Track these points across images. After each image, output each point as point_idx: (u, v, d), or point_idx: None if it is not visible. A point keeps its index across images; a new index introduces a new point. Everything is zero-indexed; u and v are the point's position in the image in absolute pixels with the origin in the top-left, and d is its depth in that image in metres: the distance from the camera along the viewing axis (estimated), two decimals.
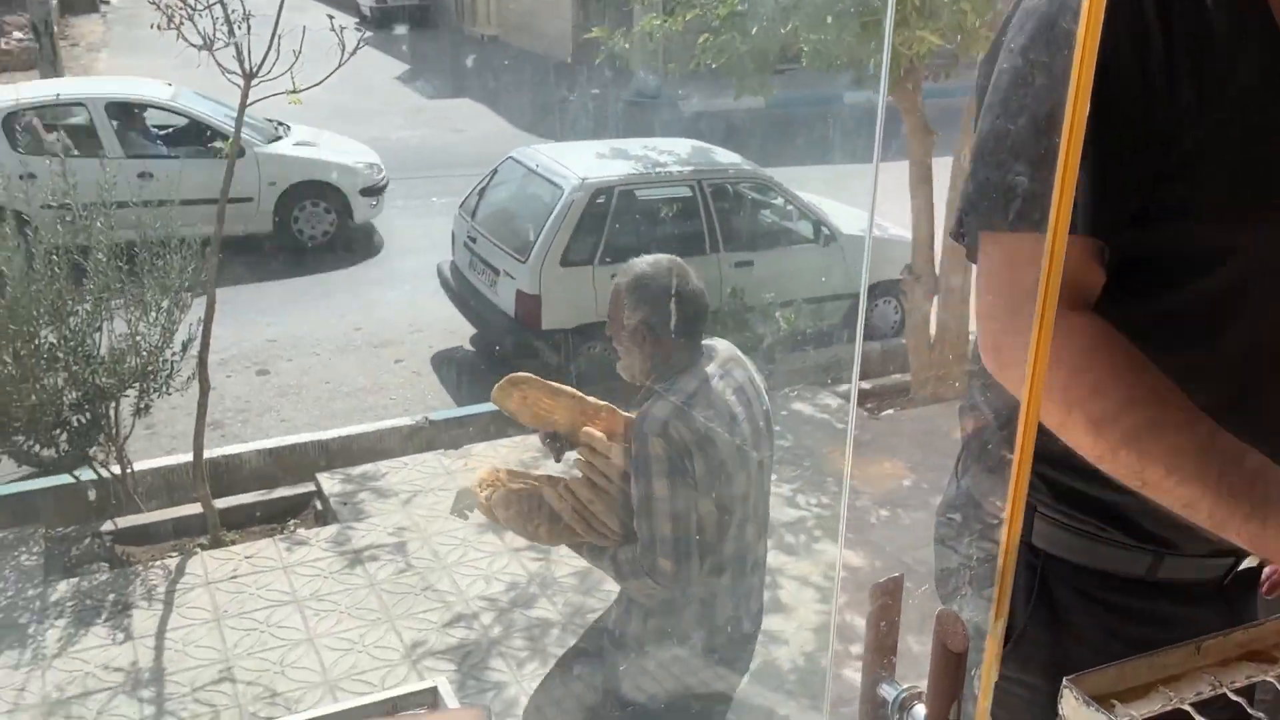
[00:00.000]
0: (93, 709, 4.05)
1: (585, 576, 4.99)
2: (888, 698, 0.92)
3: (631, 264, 2.61)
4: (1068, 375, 1.03)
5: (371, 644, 4.48)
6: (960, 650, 0.84)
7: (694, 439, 2.36)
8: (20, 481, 5.94)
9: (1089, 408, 1.04)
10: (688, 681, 2.69)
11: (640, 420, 2.41)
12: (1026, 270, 0.83)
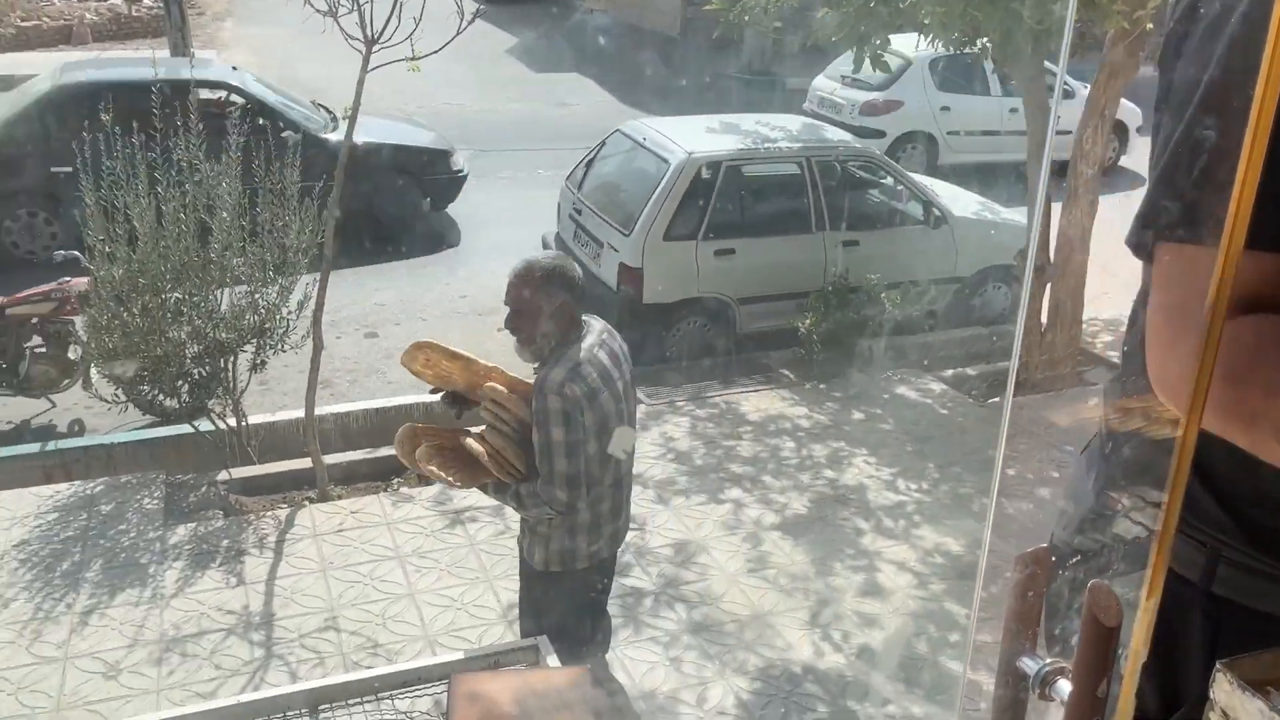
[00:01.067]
0: (206, 648, 4.24)
1: (680, 548, 5.01)
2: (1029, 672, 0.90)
3: (534, 260, 3.08)
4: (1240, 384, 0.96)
5: (470, 602, 4.58)
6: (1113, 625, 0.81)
7: (584, 395, 2.97)
8: (144, 429, 6.23)
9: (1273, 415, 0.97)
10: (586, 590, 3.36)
11: (542, 382, 2.98)
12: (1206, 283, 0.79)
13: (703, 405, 6.64)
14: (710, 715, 3.91)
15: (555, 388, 2.94)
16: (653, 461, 5.86)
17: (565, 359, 3.02)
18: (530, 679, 2.44)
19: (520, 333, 3.11)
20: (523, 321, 3.09)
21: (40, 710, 3.89)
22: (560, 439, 2.95)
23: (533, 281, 3.03)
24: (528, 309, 3.06)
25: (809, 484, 5.67)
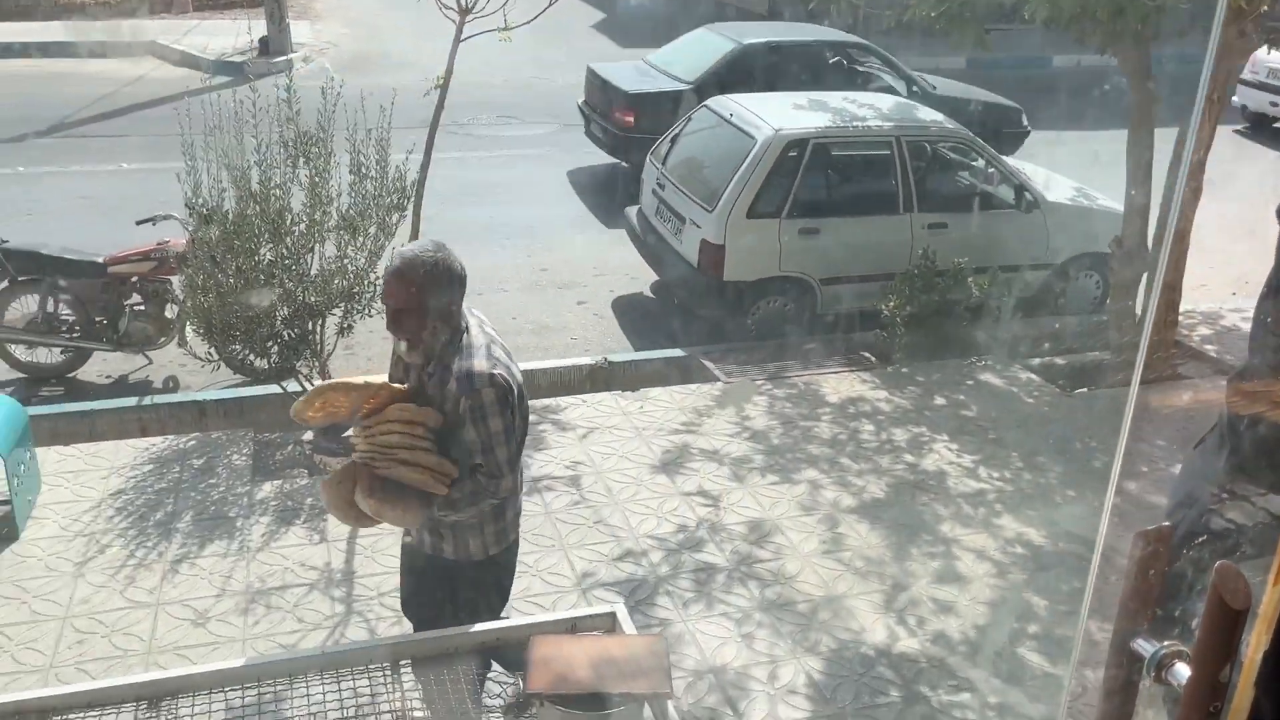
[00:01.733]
0: (290, 601, 4.36)
1: (754, 527, 4.99)
2: (1143, 654, 0.87)
3: (416, 255, 2.84)
4: None
5: (545, 569, 4.63)
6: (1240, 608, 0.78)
7: (512, 381, 2.93)
8: (235, 388, 6.42)
9: None
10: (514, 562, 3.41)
11: (468, 379, 2.83)
12: None
13: (781, 385, 6.59)
14: (781, 693, 3.90)
15: (486, 380, 2.83)
16: (728, 440, 5.85)
17: (474, 350, 2.88)
18: (607, 644, 2.46)
19: (407, 333, 2.86)
20: (410, 321, 2.84)
21: (132, 654, 4.04)
22: (499, 428, 2.86)
23: (419, 279, 2.79)
24: (415, 308, 2.81)
25: (887, 468, 5.60)
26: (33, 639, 4.04)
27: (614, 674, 2.33)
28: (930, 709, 3.85)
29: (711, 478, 5.44)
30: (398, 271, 2.81)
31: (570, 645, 2.44)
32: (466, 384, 2.82)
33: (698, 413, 6.17)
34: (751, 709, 3.81)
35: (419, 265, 2.80)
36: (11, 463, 4.64)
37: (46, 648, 4.00)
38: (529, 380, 6.66)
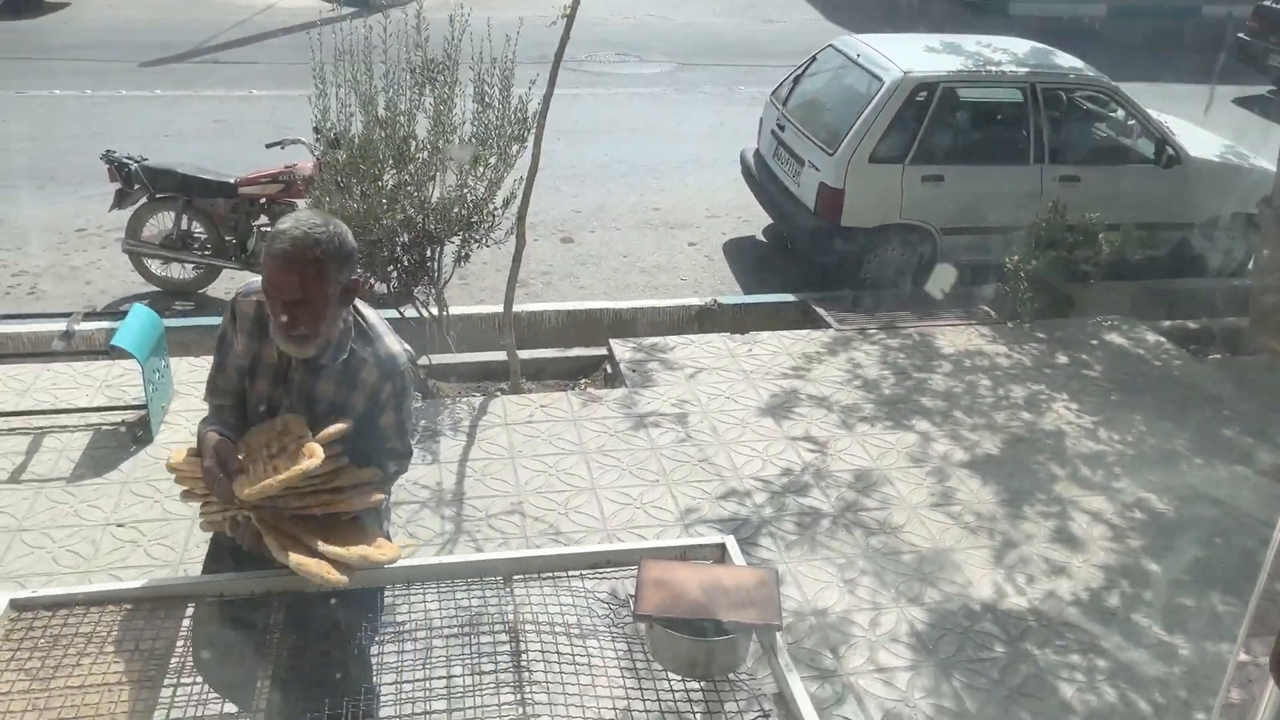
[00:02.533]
0: (403, 517, 4.49)
1: (861, 475, 4.93)
2: None
3: (307, 232, 2.25)
4: None
5: (649, 503, 4.66)
6: None
7: (412, 355, 2.59)
8: None
9: None
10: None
11: (390, 362, 2.48)
12: None
13: (895, 335, 6.46)
14: (882, 640, 3.86)
15: (406, 360, 2.51)
16: (838, 387, 5.76)
17: (378, 330, 2.50)
18: (719, 573, 2.46)
19: (307, 327, 2.31)
20: (309, 313, 2.29)
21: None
22: (410, 408, 2.58)
23: (317, 262, 2.25)
24: (316, 296, 2.28)
25: (1003, 424, 5.44)
26: (164, 535, 4.26)
27: (724, 602, 2.33)
28: (1037, 668, 3.77)
29: (819, 424, 5.38)
30: (289, 256, 2.23)
31: (681, 571, 2.44)
32: (390, 366, 2.47)
33: (807, 358, 6.09)
34: (851, 653, 3.79)
35: (314, 245, 2.24)
36: (148, 369, 4.86)
37: (176, 544, 4.21)
38: (636, 318, 6.72)
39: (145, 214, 6.57)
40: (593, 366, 6.25)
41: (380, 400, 2.47)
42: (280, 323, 2.30)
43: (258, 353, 2.47)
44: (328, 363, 2.42)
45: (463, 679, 2.25)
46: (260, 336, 2.45)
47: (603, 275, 7.57)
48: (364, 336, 2.48)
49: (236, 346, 2.48)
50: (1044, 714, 3.55)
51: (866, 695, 3.59)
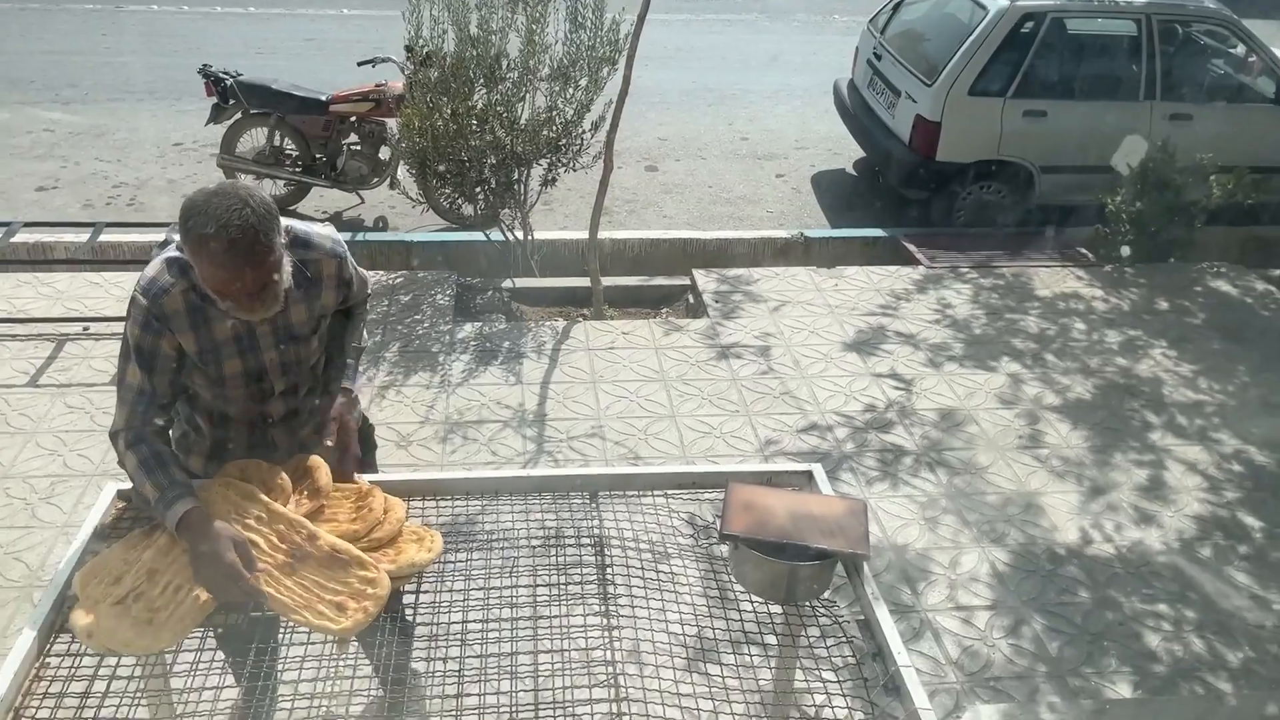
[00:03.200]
0: (485, 435, 4.54)
1: (947, 415, 4.84)
2: None
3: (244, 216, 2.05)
4: None
5: (728, 432, 4.64)
6: None
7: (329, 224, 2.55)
8: (440, 232, 6.64)
9: None
10: None
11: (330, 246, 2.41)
12: None
13: (988, 275, 6.28)
14: (962, 579, 3.82)
15: (335, 233, 2.46)
16: (926, 325, 5.64)
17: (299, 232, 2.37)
18: (807, 500, 2.43)
19: (276, 298, 2.21)
20: (276, 285, 2.18)
21: None
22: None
23: (267, 241, 2.10)
24: (276, 267, 2.16)
25: (1097, 369, 5.29)
26: None
27: (812, 528, 2.31)
28: (1122, 615, 3.69)
29: (905, 361, 5.29)
30: (237, 255, 2.06)
31: (770, 495, 2.42)
32: (333, 246, 2.41)
33: (895, 295, 5.97)
34: (930, 590, 3.76)
35: (253, 230, 2.06)
36: None
37: None
38: (720, 249, 6.64)
39: (240, 129, 6.67)
40: (675, 296, 6.21)
41: (345, 278, 2.47)
42: (244, 306, 2.17)
43: (209, 337, 2.28)
44: (289, 291, 2.30)
45: (549, 588, 2.28)
46: (204, 321, 2.26)
47: (687, 205, 7.49)
48: (298, 244, 2.35)
49: (167, 350, 2.24)
50: (1127, 661, 3.49)
51: (944, 632, 3.56)
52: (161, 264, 2.24)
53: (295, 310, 2.37)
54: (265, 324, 2.33)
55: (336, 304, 2.49)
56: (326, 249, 2.40)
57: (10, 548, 3.69)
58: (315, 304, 2.41)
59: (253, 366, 2.38)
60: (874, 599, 2.21)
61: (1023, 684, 3.35)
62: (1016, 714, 2.97)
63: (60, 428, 4.32)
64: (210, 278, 2.12)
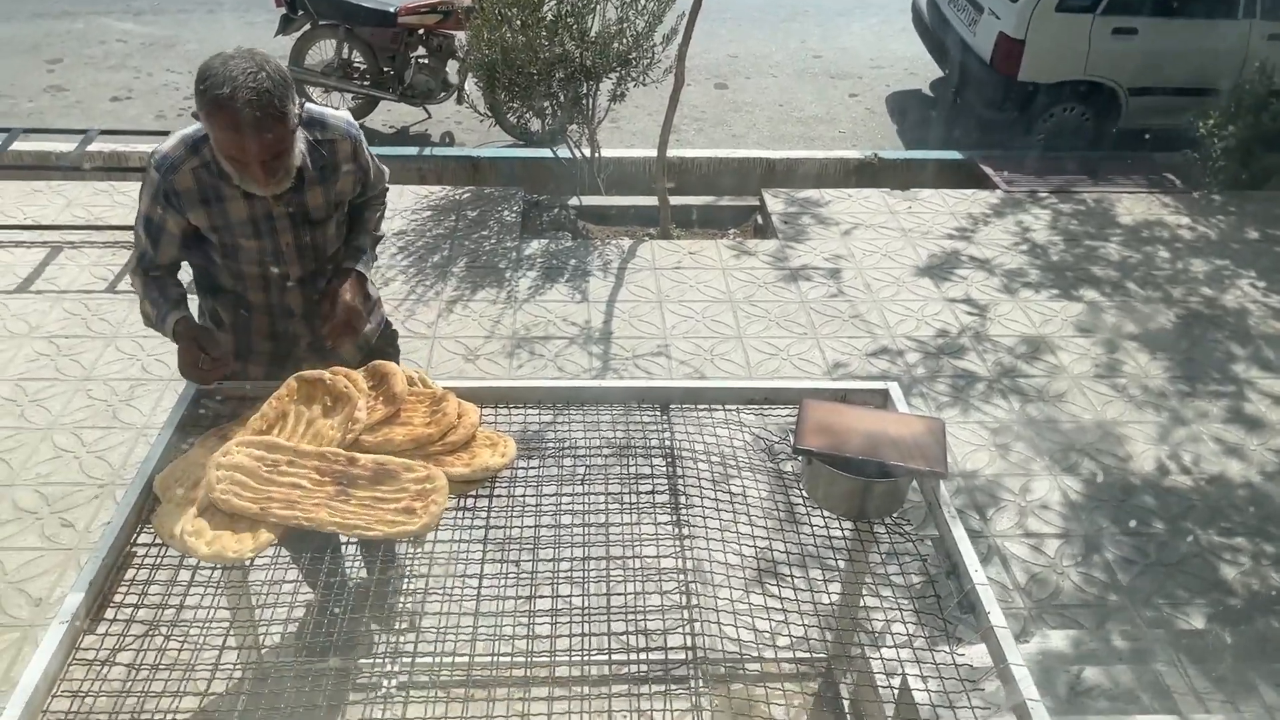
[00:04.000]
0: (551, 351, 4.55)
1: (1023, 341, 4.72)
2: None
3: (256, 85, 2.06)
4: None
5: (795, 355, 4.59)
6: None
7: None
8: (507, 148, 6.59)
9: None
10: None
11: (346, 127, 2.42)
12: None
13: (1068, 200, 6.08)
14: (1032, 506, 3.76)
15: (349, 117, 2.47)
16: (1003, 250, 5.49)
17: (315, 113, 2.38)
18: (884, 418, 2.38)
19: (284, 167, 2.23)
20: (283, 155, 2.20)
21: None
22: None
23: (282, 109, 2.11)
24: (287, 137, 2.17)
25: (1180, 299, 5.11)
26: None
27: (888, 445, 2.27)
28: (1198, 547, 3.61)
29: (980, 287, 5.16)
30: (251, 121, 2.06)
31: (846, 412, 2.38)
32: (349, 127, 2.42)
33: (971, 219, 5.81)
34: (999, 516, 3.70)
35: (268, 95, 2.07)
36: None
37: None
38: (790, 169, 6.50)
39: (308, 41, 6.64)
40: (743, 217, 6.11)
41: (362, 164, 2.46)
42: (256, 176, 2.18)
43: (222, 215, 2.29)
44: (301, 177, 2.31)
45: (620, 497, 2.27)
46: (215, 198, 2.27)
47: (757, 124, 7.33)
48: (314, 124, 2.36)
49: (172, 229, 2.30)
50: (1201, 593, 3.42)
51: (1013, 558, 3.51)
52: (178, 139, 2.26)
53: (312, 194, 2.36)
54: (281, 206, 2.32)
55: (354, 192, 2.49)
56: (341, 129, 2.40)
57: (93, 447, 3.80)
58: (332, 189, 2.40)
59: (269, 249, 2.38)
60: (950, 518, 2.17)
61: (1092, 612, 3.30)
62: (1086, 641, 2.93)
63: (138, 333, 4.41)
64: (223, 142, 2.12)
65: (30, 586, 3.21)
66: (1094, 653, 2.88)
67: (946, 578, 2.10)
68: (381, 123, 7.02)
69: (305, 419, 2.15)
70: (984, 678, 1.92)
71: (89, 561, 1.87)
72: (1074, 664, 2.75)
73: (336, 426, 2.11)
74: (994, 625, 1.90)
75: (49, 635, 1.70)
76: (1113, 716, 2.47)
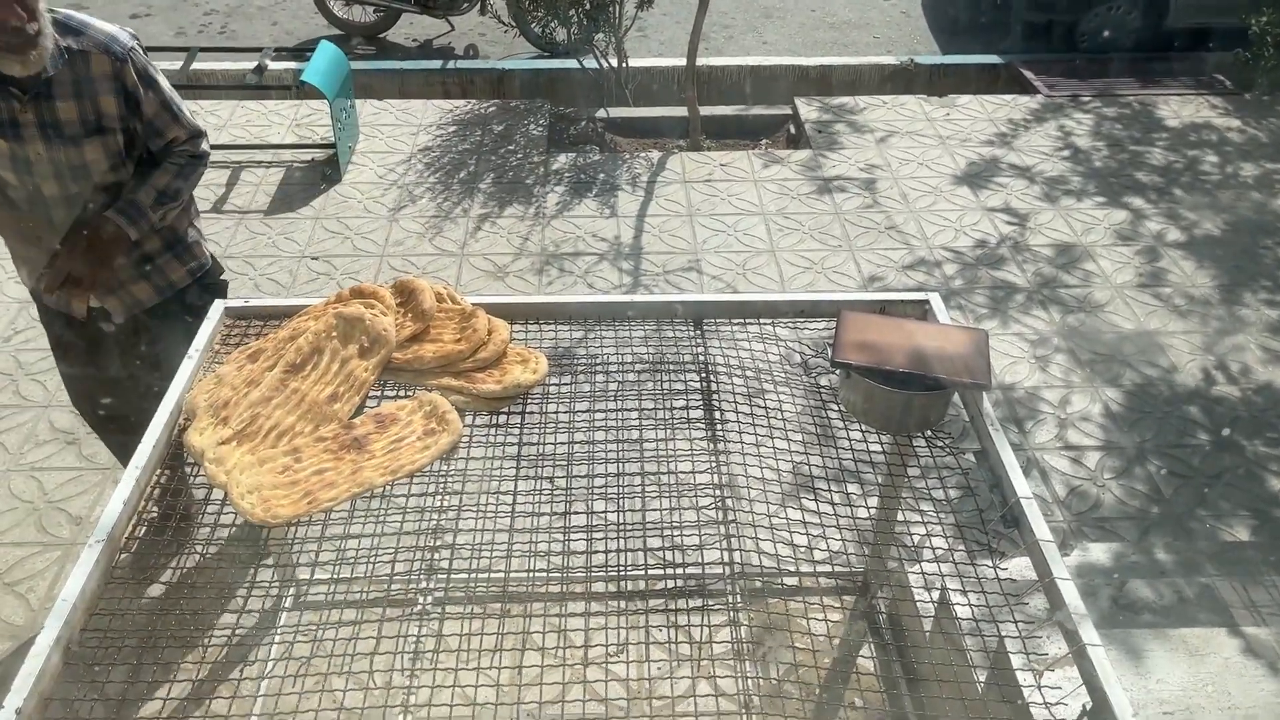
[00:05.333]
0: (581, 267, 4.48)
1: (1063, 250, 4.60)
2: None
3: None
4: None
5: (829, 268, 4.50)
6: None
7: (132, 32, 2.46)
8: (531, 60, 6.43)
9: None
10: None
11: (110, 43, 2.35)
12: None
13: (1112, 103, 5.86)
14: (1073, 419, 3.69)
15: (128, 39, 2.38)
16: (1043, 157, 5.32)
17: (78, 21, 2.33)
18: (925, 329, 2.32)
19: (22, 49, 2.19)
20: (21, 27, 2.16)
21: None
22: (168, 84, 2.49)
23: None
24: (30, 12, 2.16)
25: (1229, 204, 4.94)
26: (355, 270, 4.40)
27: (932, 359, 2.20)
28: (1242, 459, 3.54)
29: (1019, 195, 5.01)
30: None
31: (886, 325, 2.31)
32: (116, 46, 2.33)
33: (1011, 125, 5.63)
34: (1038, 429, 3.64)
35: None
36: (336, 108, 4.89)
37: (367, 279, 4.33)
38: (823, 76, 6.31)
39: None
40: (775, 126, 5.96)
41: (129, 88, 2.35)
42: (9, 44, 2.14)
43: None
44: (53, 72, 2.25)
45: (654, 413, 2.24)
46: None
47: (788, 30, 7.11)
48: (69, 30, 2.29)
49: None
50: (1245, 505, 3.36)
51: (1052, 471, 3.46)
52: None
53: (64, 106, 2.29)
54: (29, 112, 2.26)
55: (120, 115, 2.36)
56: (99, 42, 2.31)
57: None
58: (86, 103, 2.31)
59: (21, 158, 2.32)
60: (993, 430, 2.11)
61: (1133, 525, 3.25)
62: (1127, 554, 2.89)
63: None
64: None
65: (70, 505, 3.25)
66: (1137, 565, 2.84)
67: (990, 491, 2.06)
68: (404, 36, 6.87)
69: (340, 358, 2.08)
70: (1028, 592, 1.89)
71: (123, 481, 1.86)
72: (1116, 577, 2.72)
73: (371, 369, 2.06)
74: (1039, 539, 1.86)
75: (84, 555, 1.69)
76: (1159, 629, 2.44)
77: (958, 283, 4.40)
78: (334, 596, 2.64)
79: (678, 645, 2.60)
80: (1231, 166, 5.24)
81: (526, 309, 2.43)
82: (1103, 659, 1.62)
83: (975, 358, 2.24)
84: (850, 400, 2.25)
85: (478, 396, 2.09)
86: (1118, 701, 1.56)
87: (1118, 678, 1.61)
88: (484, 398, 2.10)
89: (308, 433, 1.94)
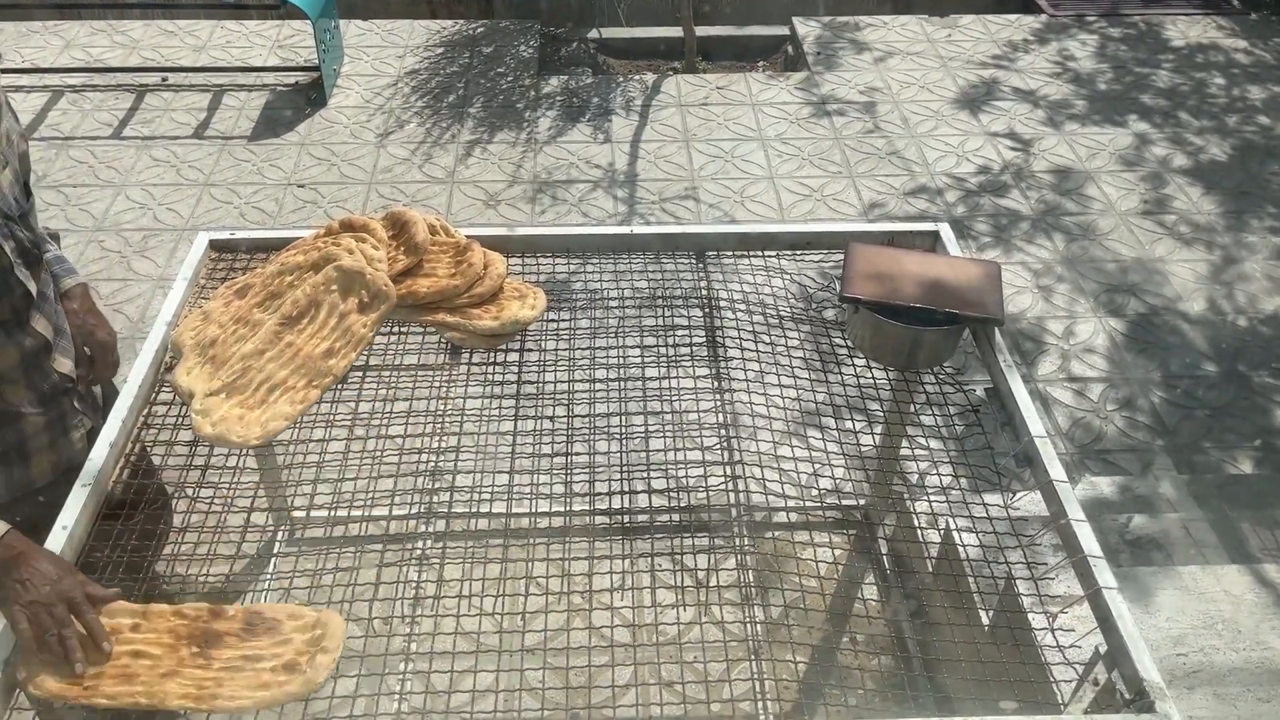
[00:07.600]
0: (575, 195, 4.37)
1: (1065, 176, 4.50)
2: None
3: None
4: None
5: (829, 195, 4.40)
6: None
7: None
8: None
9: None
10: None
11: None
12: None
13: (1118, 24, 5.71)
14: (1077, 349, 3.64)
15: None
16: (1047, 80, 5.19)
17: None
18: (935, 261, 2.24)
19: None
20: None
21: None
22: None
23: None
24: None
25: (1235, 128, 4.84)
26: (342, 199, 4.28)
27: (940, 291, 2.13)
28: (1248, 389, 3.50)
29: (1023, 119, 4.89)
30: None
31: (895, 257, 2.24)
32: None
33: (1014, 47, 5.48)
34: (1042, 360, 3.60)
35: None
36: (319, 28, 4.72)
37: (354, 207, 4.23)
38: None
39: None
40: (773, 47, 5.79)
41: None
42: None
43: None
44: None
45: (655, 350, 2.17)
46: None
47: None
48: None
49: None
50: (1249, 435, 3.33)
51: (1055, 403, 3.42)
52: None
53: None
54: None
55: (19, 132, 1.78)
56: None
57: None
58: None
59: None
60: (1007, 367, 2.05)
61: (1137, 457, 3.23)
62: (1132, 486, 2.86)
63: (148, 180, 4.26)
64: None
65: None
66: (1142, 499, 2.81)
67: (1002, 429, 2.01)
68: None
69: (338, 312, 1.98)
70: (1042, 531, 1.85)
71: (109, 422, 1.80)
72: (1121, 512, 2.69)
73: (370, 325, 1.97)
74: (1053, 479, 1.82)
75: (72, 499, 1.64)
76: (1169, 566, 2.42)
77: (960, 210, 4.31)
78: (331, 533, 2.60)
79: (683, 583, 2.57)
80: (1238, 89, 5.12)
81: (523, 241, 2.34)
82: (1119, 602, 1.59)
83: (989, 291, 2.17)
84: (859, 336, 2.18)
85: (475, 333, 2.02)
86: (1134, 645, 1.53)
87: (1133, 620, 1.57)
88: (481, 334, 2.03)
89: (300, 386, 1.86)
